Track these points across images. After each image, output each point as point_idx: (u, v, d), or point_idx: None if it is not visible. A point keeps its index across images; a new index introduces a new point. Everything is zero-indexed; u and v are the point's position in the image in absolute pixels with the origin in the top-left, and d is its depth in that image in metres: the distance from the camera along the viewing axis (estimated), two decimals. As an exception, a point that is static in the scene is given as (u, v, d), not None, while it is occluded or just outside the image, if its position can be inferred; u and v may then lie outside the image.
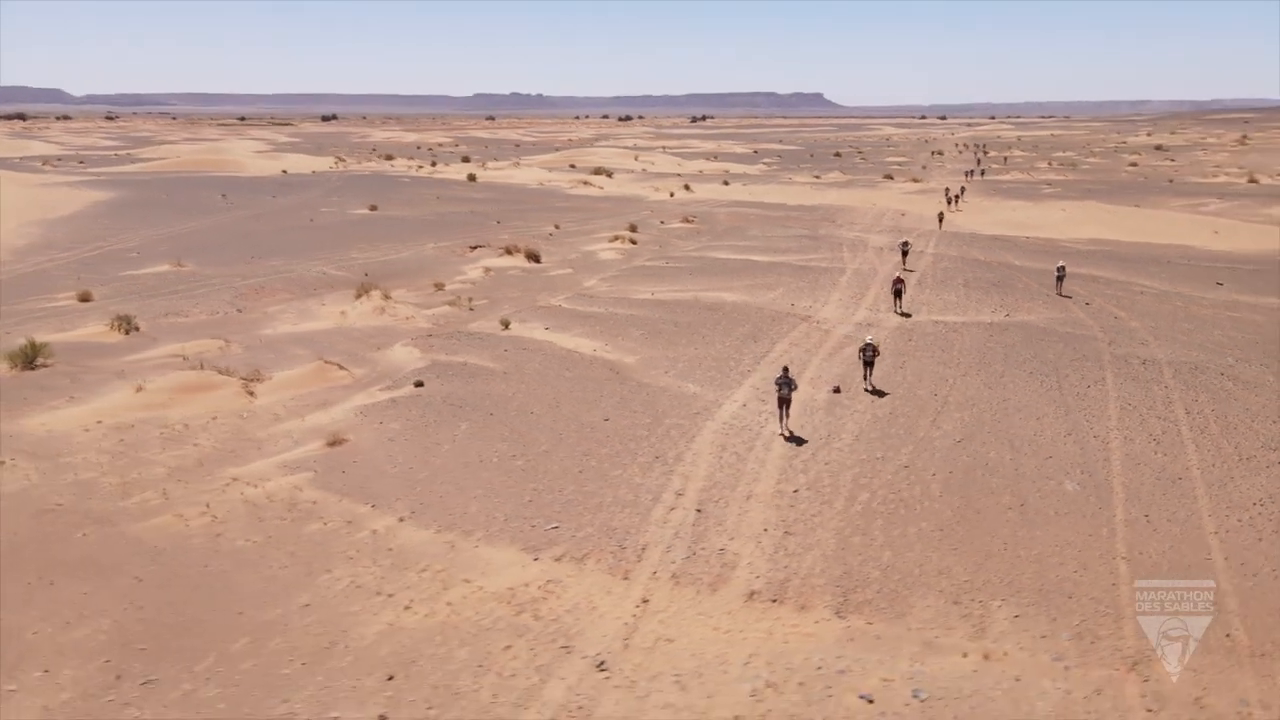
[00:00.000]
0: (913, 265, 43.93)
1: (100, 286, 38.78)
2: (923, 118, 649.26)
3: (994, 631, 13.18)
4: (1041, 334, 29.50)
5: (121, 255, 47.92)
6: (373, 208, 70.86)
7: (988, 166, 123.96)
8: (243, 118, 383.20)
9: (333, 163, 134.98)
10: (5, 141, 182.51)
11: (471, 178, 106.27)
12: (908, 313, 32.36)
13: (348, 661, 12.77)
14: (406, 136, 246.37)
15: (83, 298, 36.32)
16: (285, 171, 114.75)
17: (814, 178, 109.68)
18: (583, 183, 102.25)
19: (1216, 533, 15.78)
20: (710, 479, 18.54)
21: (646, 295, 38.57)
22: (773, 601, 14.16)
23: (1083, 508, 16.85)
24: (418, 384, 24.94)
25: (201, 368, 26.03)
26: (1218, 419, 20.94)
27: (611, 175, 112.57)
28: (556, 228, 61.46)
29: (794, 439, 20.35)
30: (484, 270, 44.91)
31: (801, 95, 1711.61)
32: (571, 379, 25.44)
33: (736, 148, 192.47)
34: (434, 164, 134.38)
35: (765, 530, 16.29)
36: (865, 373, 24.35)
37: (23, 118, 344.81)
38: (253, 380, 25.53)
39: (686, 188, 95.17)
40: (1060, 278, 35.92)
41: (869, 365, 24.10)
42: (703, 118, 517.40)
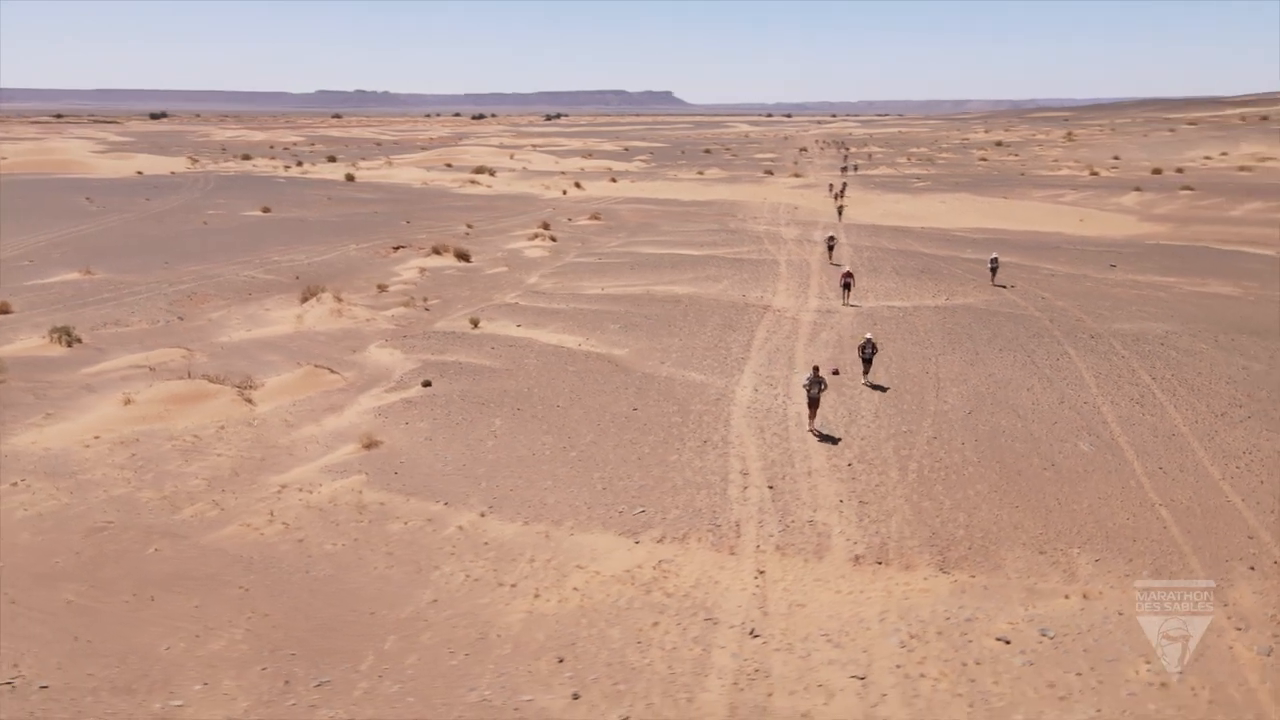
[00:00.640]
0: (835, 257, 46.25)
1: (10, 297, 35.93)
2: (769, 115, 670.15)
3: (1083, 575, 14.76)
4: (988, 315, 32.04)
5: (13, 264, 44.31)
6: (266, 209, 67.96)
7: (859, 162, 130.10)
8: (59, 115, 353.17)
9: (187, 163, 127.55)
10: None
11: (350, 178, 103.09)
12: (856, 304, 34.21)
13: (509, 649, 13.04)
14: (253, 135, 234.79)
15: (2, 309, 33.65)
16: (141, 173, 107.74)
17: (698, 174, 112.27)
18: (469, 181, 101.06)
19: (1224, 479, 18.05)
20: (765, 459, 19.53)
21: (597, 291, 39.15)
22: (878, 564, 15.29)
23: (1104, 465, 18.84)
24: (426, 383, 24.79)
25: (189, 376, 24.91)
26: (1180, 383, 23.62)
27: (494, 174, 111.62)
28: (470, 227, 60.89)
29: (826, 438, 20.63)
30: (419, 270, 44.24)
31: (651, 93, 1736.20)
32: (576, 373, 25.86)
33: (606, 145, 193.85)
34: (300, 164, 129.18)
35: (841, 501, 17.42)
36: (864, 369, 24.73)
37: None
38: (246, 387, 24.65)
39: (578, 185, 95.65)
40: (994, 269, 38.28)
41: (868, 362, 24.52)
42: (557, 116, 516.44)
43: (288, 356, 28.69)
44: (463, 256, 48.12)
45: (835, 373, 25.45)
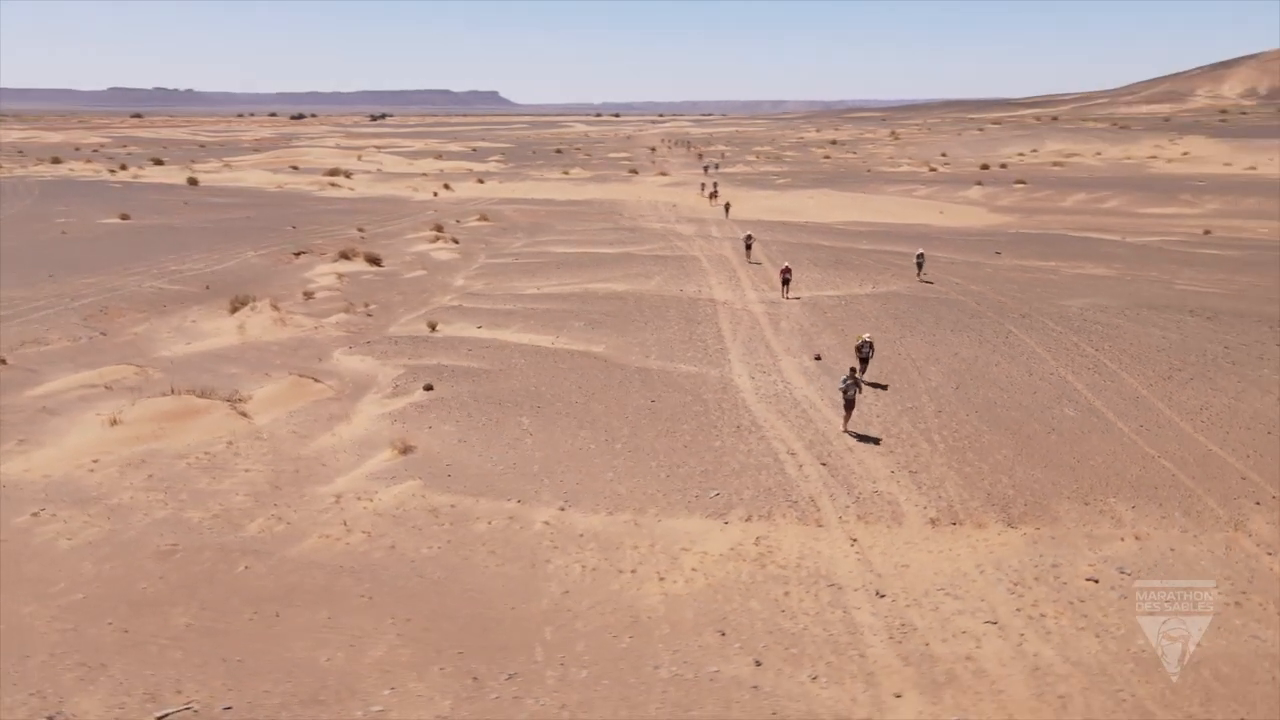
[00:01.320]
0: (754, 255, 48.25)
1: (-113, 318, 32.25)
2: (599, 115, 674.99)
3: (1127, 520, 16.81)
4: (920, 300, 34.67)
5: None
6: (124, 217, 63.17)
7: (718, 161, 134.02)
8: None
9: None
10: None
11: (193, 182, 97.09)
12: (797, 296, 36.00)
13: (667, 629, 13.62)
14: (48, 136, 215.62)
15: (-109, 332, 30.23)
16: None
17: (563, 174, 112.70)
18: (329, 185, 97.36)
19: (1196, 432, 20.78)
20: (802, 439, 20.75)
21: (534, 290, 39.32)
22: (953, 524, 16.81)
23: (1094, 426, 21.23)
24: (428, 387, 24.53)
25: (175, 392, 23.54)
26: (1121, 352, 26.66)
27: (350, 176, 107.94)
28: (361, 231, 59.09)
29: (865, 438, 20.62)
30: (337, 276, 42.79)
31: (477, 93, 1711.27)
32: (572, 370, 26.22)
33: (451, 146, 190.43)
34: (124, 167, 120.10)
35: (892, 472, 18.87)
36: (861, 368, 24.52)
37: None
38: (235, 401, 23.59)
39: (447, 187, 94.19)
40: (920, 264, 39.49)
41: (864, 362, 24.74)
42: (383, 116, 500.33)
43: (250, 368, 27.50)
44: (374, 261, 46.86)
45: (818, 358, 27.05)
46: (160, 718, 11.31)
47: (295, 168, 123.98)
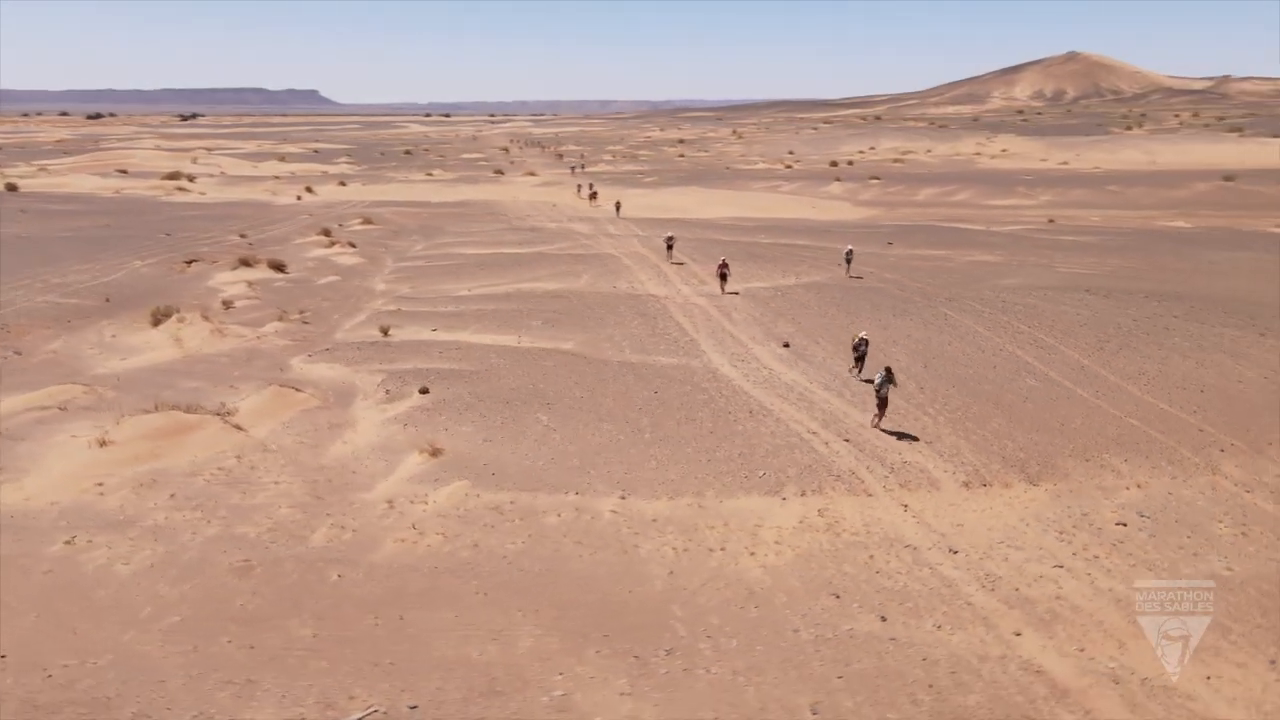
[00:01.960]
0: (650, 248, 49.51)
1: None
2: (428, 115, 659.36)
3: (1125, 471, 19.06)
4: (849, 289, 36.93)
5: None
6: (-37, 226, 57.36)
7: (582, 161, 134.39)
8: None
9: None
10: None
11: (12, 188, 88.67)
12: (735, 290, 37.34)
13: (784, 597, 14.53)
14: None
15: None
16: None
17: (427, 175, 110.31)
18: (175, 189, 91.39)
19: (1144, 394, 23.57)
20: (815, 418, 22.07)
21: (465, 292, 39.08)
22: (984, 486, 18.54)
23: (1059, 394, 23.67)
24: (423, 390, 24.29)
25: (156, 409, 22.23)
26: (1051, 328, 29.56)
27: (194, 180, 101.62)
28: (244, 236, 56.35)
29: (900, 435, 20.92)
30: (247, 284, 40.83)
31: (295, 92, 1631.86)
32: (557, 367, 26.54)
33: (288, 147, 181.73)
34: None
35: (911, 445, 20.47)
36: (859, 366, 25.20)
37: None
38: (225, 415, 22.58)
39: (309, 190, 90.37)
40: (849, 259, 40.36)
41: (861, 359, 25.10)
42: (193, 116, 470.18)
43: (211, 381, 26.25)
44: (278, 267, 44.97)
45: (785, 345, 28.53)
46: (354, 722, 11.19)
47: (124, 171, 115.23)
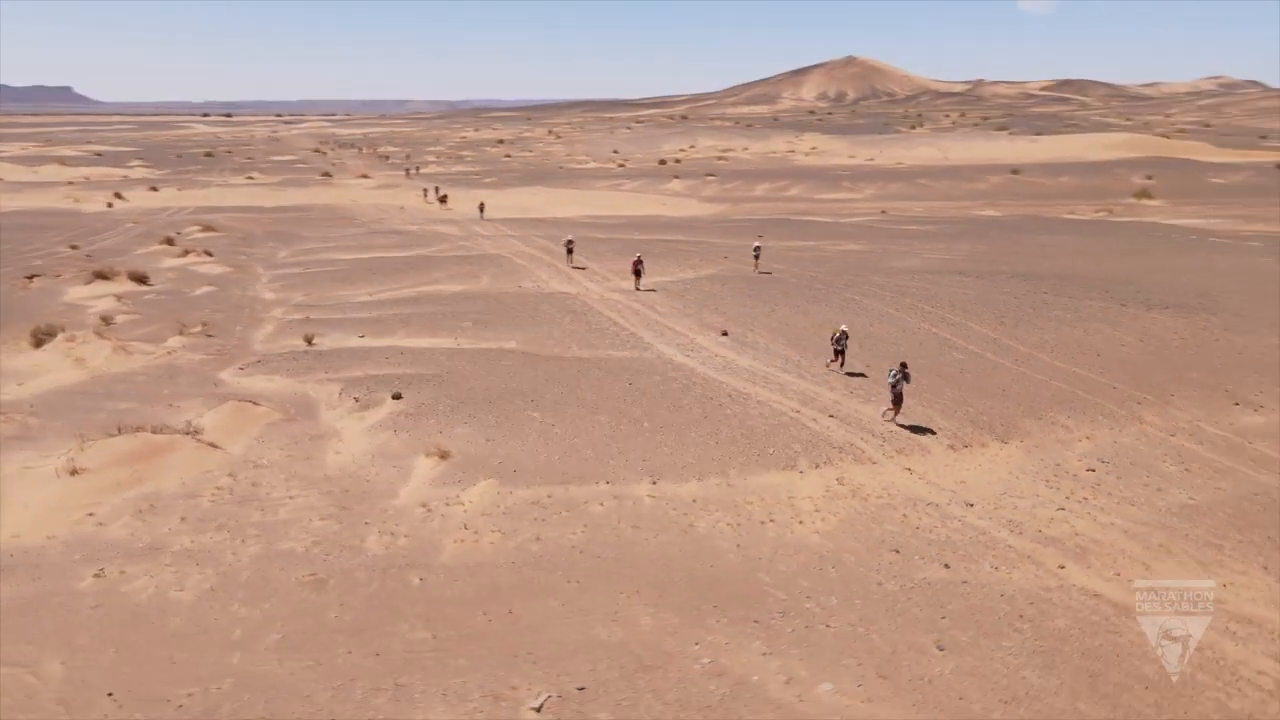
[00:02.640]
0: (534, 248, 49.87)
1: None
2: (206, 114, 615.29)
3: (1072, 427, 21.79)
4: (751, 280, 38.95)
5: None
6: None
7: (419, 163, 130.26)
8: None
9: None
10: None
11: None
12: (652, 289, 38.05)
13: (851, 557, 15.86)
14: None
15: None
16: None
17: (248, 179, 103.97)
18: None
19: (1055, 360, 26.75)
20: (791, 399, 23.56)
21: (367, 298, 38.18)
22: (966, 448, 20.69)
23: (987, 364, 26.44)
24: (396, 396, 23.89)
25: (120, 431, 20.67)
26: (953, 306, 32.65)
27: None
28: (74, 248, 51.78)
29: (914, 429, 21.47)
30: (115, 298, 37.86)
31: (44, 88, 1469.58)
32: (517, 366, 26.70)
33: (63, 150, 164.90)
34: None
35: (894, 417, 22.37)
36: (840, 359, 25.80)
37: None
38: (194, 433, 21.35)
39: (119, 196, 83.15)
40: (757, 254, 41.47)
41: (841, 353, 25.79)
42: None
43: (141, 401, 24.66)
44: (139, 280, 41.92)
45: (724, 334, 30.00)
46: (537, 707, 11.46)
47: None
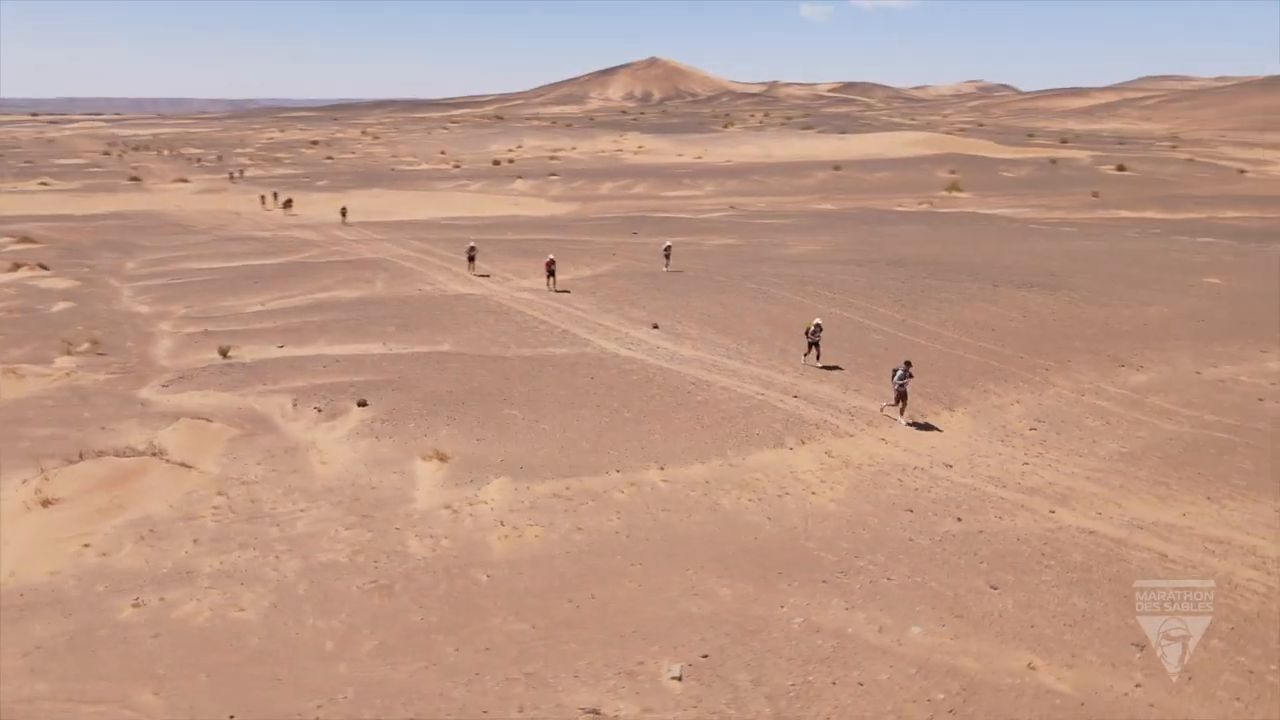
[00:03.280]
0: (410, 249, 49.03)
1: None
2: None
3: (999, 393, 24.41)
4: (656, 275, 40.18)
5: None
6: None
7: (244, 165, 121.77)
8: None
9: None
10: None
11: None
12: (566, 289, 38.04)
13: (875, 519, 17.33)
14: None
15: None
16: None
17: (42, 185, 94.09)
18: None
19: (960, 336, 29.58)
20: (751, 383, 24.92)
21: (259, 307, 36.57)
22: (923, 417, 22.77)
23: (907, 343, 28.84)
24: (361, 403, 23.41)
25: (82, 457, 19.19)
26: (852, 293, 35.15)
27: None
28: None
29: (923, 426, 22.19)
30: (-32, 320, 34.19)
31: None
32: (470, 367, 26.61)
33: None
34: None
35: (845, 394, 24.18)
36: (815, 351, 26.27)
37: None
38: (160, 454, 20.17)
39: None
40: (668, 254, 42.05)
41: (815, 345, 26.25)
42: None
43: (65, 427, 22.91)
44: (-16, 298, 37.86)
45: (655, 326, 31.07)
46: (678, 676, 12.12)
47: None
